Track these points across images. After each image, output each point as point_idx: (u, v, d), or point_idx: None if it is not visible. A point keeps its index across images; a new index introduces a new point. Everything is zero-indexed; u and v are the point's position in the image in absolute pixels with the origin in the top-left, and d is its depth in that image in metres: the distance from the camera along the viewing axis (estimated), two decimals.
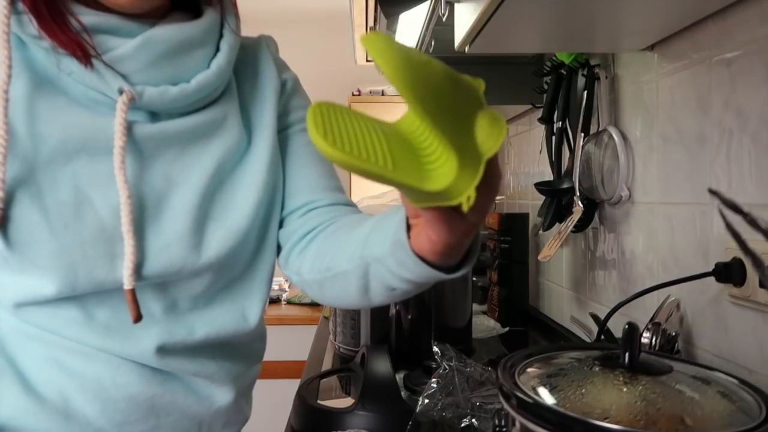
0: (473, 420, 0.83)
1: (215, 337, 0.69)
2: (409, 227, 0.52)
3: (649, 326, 0.89)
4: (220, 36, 0.69)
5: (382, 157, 0.39)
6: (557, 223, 1.30)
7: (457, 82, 0.41)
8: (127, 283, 0.61)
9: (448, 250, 0.49)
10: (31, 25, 0.59)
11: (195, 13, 0.68)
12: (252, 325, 0.72)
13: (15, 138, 0.58)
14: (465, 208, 0.40)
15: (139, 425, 0.66)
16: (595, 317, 1.05)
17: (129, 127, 0.62)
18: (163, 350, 0.65)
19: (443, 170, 0.40)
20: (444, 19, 0.97)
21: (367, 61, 2.14)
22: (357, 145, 0.39)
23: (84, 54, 0.59)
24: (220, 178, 0.68)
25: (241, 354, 0.74)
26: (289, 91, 0.79)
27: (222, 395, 0.72)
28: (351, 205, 0.78)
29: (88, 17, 0.60)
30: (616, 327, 0.87)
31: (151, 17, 0.64)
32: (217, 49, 0.69)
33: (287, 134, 0.77)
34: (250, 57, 0.76)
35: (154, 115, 0.65)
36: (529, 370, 0.61)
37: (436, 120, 0.39)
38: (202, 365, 0.69)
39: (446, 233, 0.47)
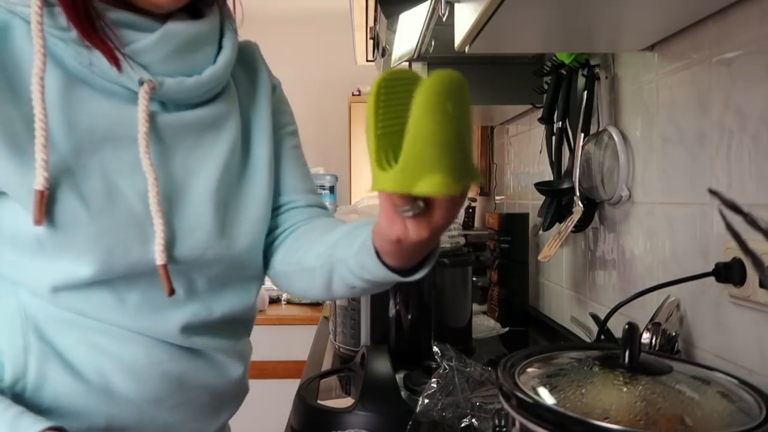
0: (473, 420, 0.83)
1: (230, 314, 0.74)
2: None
3: (649, 326, 0.89)
4: (221, 35, 0.74)
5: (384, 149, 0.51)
6: (557, 223, 1.30)
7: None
8: (160, 259, 0.65)
9: (393, 247, 0.58)
10: (61, 17, 0.61)
11: (193, 14, 0.72)
12: (253, 303, 0.79)
13: (50, 126, 0.60)
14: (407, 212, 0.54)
15: (171, 400, 0.70)
16: (595, 317, 1.05)
17: (150, 116, 0.66)
18: (187, 329, 0.69)
19: (388, 174, 0.50)
20: (444, 19, 0.97)
21: (367, 61, 2.14)
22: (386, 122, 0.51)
23: (108, 47, 0.62)
24: (231, 169, 0.73)
25: (245, 329, 0.80)
26: (278, 95, 0.85)
27: (235, 368, 0.77)
28: (324, 207, 0.86)
29: (110, 13, 0.64)
30: (616, 327, 0.87)
31: (163, 15, 0.68)
32: (220, 47, 0.73)
33: (277, 136, 0.82)
34: (246, 58, 0.82)
35: (165, 107, 0.69)
36: (529, 370, 0.61)
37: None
38: (220, 341, 0.74)
39: (388, 226, 0.56)
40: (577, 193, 1.19)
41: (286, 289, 0.82)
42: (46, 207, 0.60)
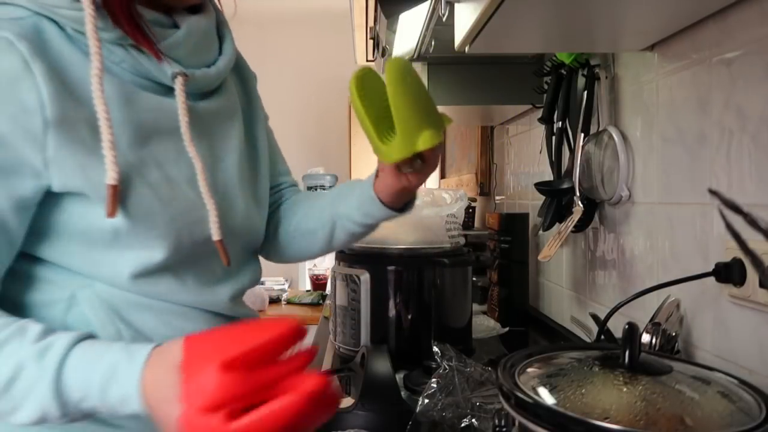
0: (473, 420, 0.83)
1: (249, 286, 0.82)
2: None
3: (649, 326, 0.89)
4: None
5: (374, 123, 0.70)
6: (557, 223, 1.30)
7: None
8: (216, 235, 0.71)
9: (397, 195, 0.79)
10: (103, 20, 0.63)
11: (191, 10, 0.75)
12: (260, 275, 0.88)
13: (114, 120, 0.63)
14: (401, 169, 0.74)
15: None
16: (595, 317, 1.05)
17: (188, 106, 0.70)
18: (232, 299, 0.77)
19: (393, 146, 0.69)
20: (444, 19, 0.97)
21: (368, 61, 2.14)
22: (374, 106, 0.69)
23: (152, 44, 0.66)
24: (244, 153, 0.81)
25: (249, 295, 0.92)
26: (256, 86, 0.92)
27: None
28: (296, 185, 1.00)
29: (147, 13, 0.67)
30: (616, 327, 0.87)
31: (171, 12, 0.71)
32: (219, 40, 0.78)
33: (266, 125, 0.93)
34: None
35: (187, 97, 0.72)
36: (529, 370, 0.61)
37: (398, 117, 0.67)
38: (248, 311, 0.83)
39: (395, 182, 0.77)
40: (577, 193, 1.19)
41: (282, 257, 0.94)
42: (122, 200, 0.63)
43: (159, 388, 0.56)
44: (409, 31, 1.36)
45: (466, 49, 0.95)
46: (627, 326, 0.59)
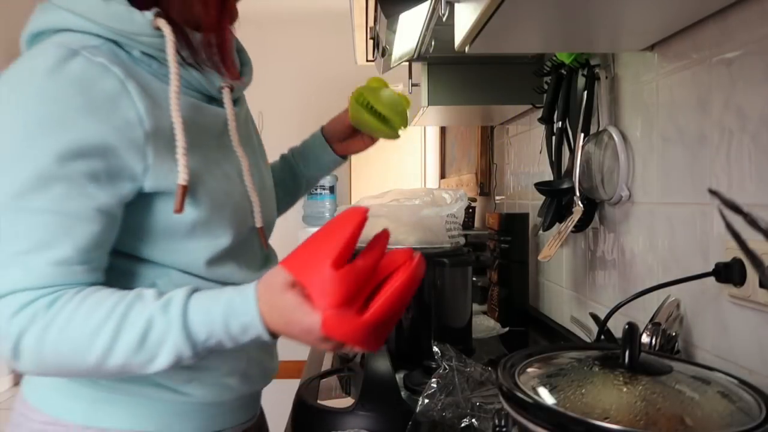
0: (473, 420, 0.83)
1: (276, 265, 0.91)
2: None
3: (649, 326, 0.89)
4: None
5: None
6: (557, 223, 1.30)
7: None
8: (259, 222, 0.86)
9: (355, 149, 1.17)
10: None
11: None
12: None
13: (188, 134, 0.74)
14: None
15: (264, 354, 0.90)
16: (595, 317, 1.05)
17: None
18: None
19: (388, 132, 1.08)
20: (444, 19, 0.97)
21: (367, 61, 2.14)
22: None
23: (236, 72, 0.85)
24: (262, 157, 0.97)
25: None
26: None
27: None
28: None
29: (196, 35, 0.79)
30: (616, 327, 0.87)
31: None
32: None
33: None
34: None
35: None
36: (529, 370, 0.61)
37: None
38: None
39: (363, 146, 1.16)
40: (577, 193, 1.19)
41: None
42: (197, 195, 0.74)
43: (281, 309, 0.66)
44: (409, 31, 1.36)
45: (466, 49, 0.95)
46: (627, 326, 0.59)
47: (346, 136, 1.13)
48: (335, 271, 0.61)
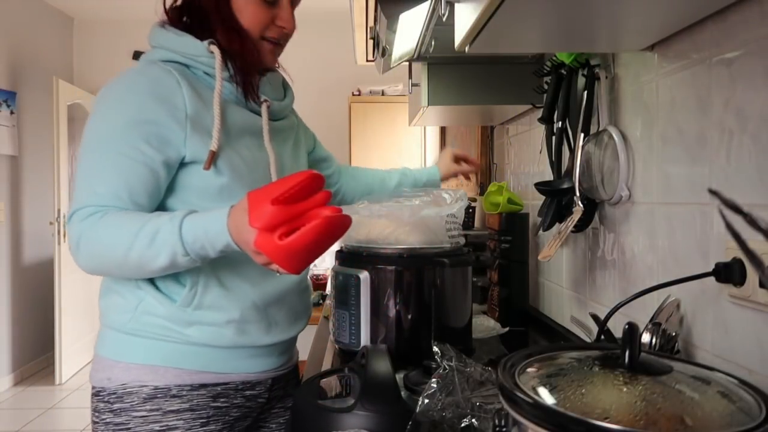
0: (473, 420, 0.83)
1: None
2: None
3: (649, 326, 0.89)
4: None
5: None
6: (557, 223, 1.30)
7: None
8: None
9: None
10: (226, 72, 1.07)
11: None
12: None
13: (223, 123, 1.04)
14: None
15: (274, 308, 1.13)
16: (595, 317, 1.05)
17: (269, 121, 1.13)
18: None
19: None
20: (444, 19, 0.97)
21: (367, 61, 2.14)
22: None
23: (255, 95, 1.11)
24: (293, 155, 1.22)
25: None
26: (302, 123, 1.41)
27: (309, 295, 1.27)
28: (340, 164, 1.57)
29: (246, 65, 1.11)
30: (616, 327, 0.87)
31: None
32: (284, 87, 1.23)
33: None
34: None
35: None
36: (529, 370, 0.61)
37: None
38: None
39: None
40: (577, 193, 1.19)
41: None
42: (223, 164, 1.02)
43: (237, 223, 0.89)
44: (409, 31, 1.36)
45: (466, 49, 0.95)
46: (627, 326, 0.59)
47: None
48: (270, 205, 0.84)
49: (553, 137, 1.32)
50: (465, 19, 0.88)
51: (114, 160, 0.98)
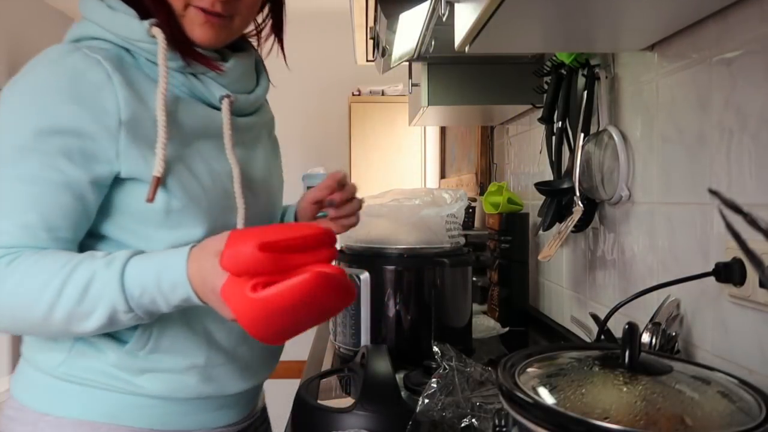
0: (473, 420, 0.83)
1: None
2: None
3: (649, 326, 0.89)
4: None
5: None
6: (557, 223, 1.30)
7: None
8: (240, 225, 0.86)
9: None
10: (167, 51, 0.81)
11: (235, 49, 0.93)
12: None
13: (171, 130, 0.79)
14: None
15: (244, 347, 0.90)
16: (595, 317, 1.05)
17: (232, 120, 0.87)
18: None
19: None
20: (444, 19, 0.97)
21: (367, 61, 2.14)
22: None
23: (208, 61, 0.84)
24: (270, 159, 0.99)
25: None
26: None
27: None
28: None
29: (198, 48, 0.85)
30: (616, 327, 0.87)
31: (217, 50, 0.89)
32: (257, 74, 0.97)
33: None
34: None
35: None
36: (529, 370, 0.61)
37: None
38: None
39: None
40: (577, 193, 1.19)
41: None
42: (171, 185, 0.79)
43: (202, 269, 0.70)
44: (409, 31, 1.36)
45: (466, 49, 0.95)
46: (627, 326, 0.59)
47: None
48: (255, 250, 0.65)
49: (553, 137, 1.32)
50: (465, 19, 0.88)
51: (22, 184, 0.74)
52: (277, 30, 1.00)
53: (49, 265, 0.73)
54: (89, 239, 0.81)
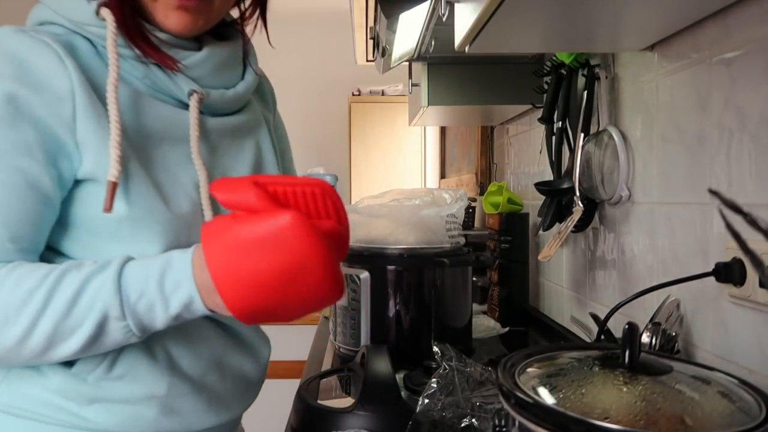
0: (473, 420, 0.83)
1: None
2: None
3: (649, 326, 0.89)
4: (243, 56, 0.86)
5: None
6: (557, 223, 1.30)
7: None
8: None
9: None
10: (121, 38, 0.71)
11: (217, 36, 0.82)
12: None
13: (123, 127, 0.68)
14: None
15: (213, 376, 0.79)
16: (595, 317, 1.05)
17: (200, 121, 0.76)
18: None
19: None
20: (444, 19, 0.97)
21: (367, 61, 2.14)
22: None
23: (163, 56, 0.73)
24: (258, 166, 0.85)
25: None
26: (278, 120, 1.00)
27: (263, 349, 0.89)
28: None
29: (160, 34, 0.74)
30: (616, 327, 0.87)
31: (195, 38, 0.79)
32: (244, 66, 0.85)
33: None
34: (260, 81, 0.92)
35: (203, 113, 0.78)
36: (529, 370, 0.61)
37: None
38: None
39: None
40: (577, 193, 1.19)
41: None
42: (125, 194, 0.68)
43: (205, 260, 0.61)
44: (409, 31, 1.36)
45: (466, 49, 0.95)
46: (627, 326, 0.59)
47: None
48: (249, 181, 0.61)
49: (553, 137, 1.32)
50: (465, 19, 0.88)
51: None
52: (261, 4, 0.88)
53: (28, 276, 0.63)
54: (45, 253, 0.72)
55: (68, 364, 0.69)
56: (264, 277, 0.59)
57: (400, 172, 3.75)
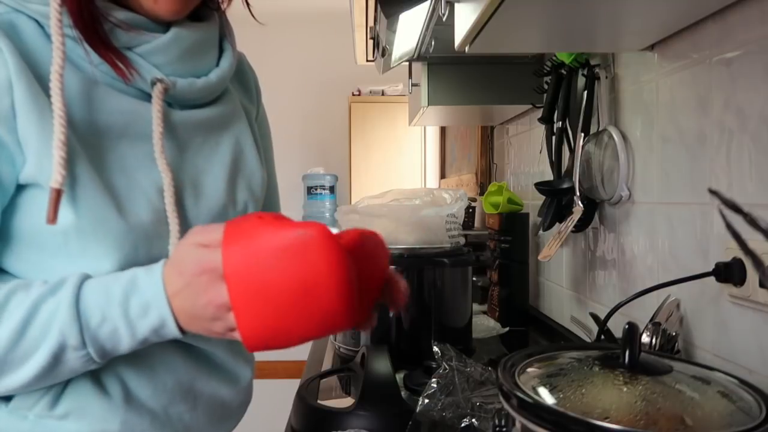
0: (473, 420, 0.83)
1: None
2: None
3: (649, 326, 0.89)
4: (220, 39, 0.76)
5: None
6: (557, 223, 1.30)
7: None
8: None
9: None
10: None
11: (192, 18, 0.72)
12: None
13: (71, 123, 0.60)
14: None
15: (180, 406, 0.69)
16: (595, 317, 1.05)
17: (166, 114, 0.66)
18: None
19: None
20: (444, 19, 0.97)
21: (367, 61, 2.14)
22: None
23: (110, 53, 0.62)
24: (236, 166, 0.75)
25: None
26: (262, 114, 0.90)
27: (244, 371, 0.77)
28: None
29: (120, 14, 0.64)
30: (616, 327, 0.87)
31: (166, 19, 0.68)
32: (220, 50, 0.75)
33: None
34: (239, 65, 0.83)
35: (171, 106, 0.69)
36: (529, 370, 0.61)
37: None
38: (229, 342, 0.71)
39: None
40: (577, 193, 1.19)
41: None
42: (73, 201, 0.59)
43: (182, 263, 0.55)
44: (409, 31, 1.36)
45: (466, 49, 0.95)
46: (627, 326, 0.59)
47: None
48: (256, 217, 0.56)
49: (553, 137, 1.32)
50: (465, 19, 0.88)
51: None
52: None
53: None
54: None
55: (5, 399, 0.61)
56: (277, 291, 0.52)
57: (400, 172, 3.75)
